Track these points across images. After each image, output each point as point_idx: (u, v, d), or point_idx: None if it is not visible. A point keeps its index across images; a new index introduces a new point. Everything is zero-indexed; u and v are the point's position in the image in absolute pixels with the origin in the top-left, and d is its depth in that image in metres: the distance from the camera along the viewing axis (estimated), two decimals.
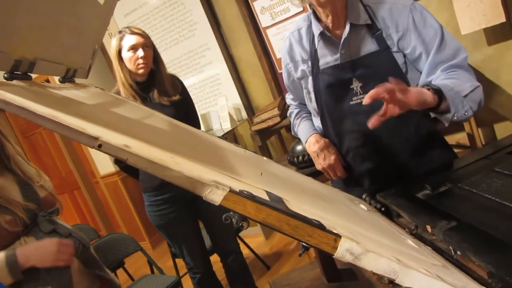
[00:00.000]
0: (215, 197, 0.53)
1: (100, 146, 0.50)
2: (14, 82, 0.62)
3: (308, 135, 1.49)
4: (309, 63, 1.38)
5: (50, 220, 1.46)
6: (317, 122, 1.48)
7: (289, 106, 1.67)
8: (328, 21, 1.29)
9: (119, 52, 2.06)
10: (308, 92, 1.42)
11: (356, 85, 1.30)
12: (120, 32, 2.08)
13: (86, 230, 3.14)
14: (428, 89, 1.08)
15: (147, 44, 2.08)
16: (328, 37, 1.32)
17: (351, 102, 1.31)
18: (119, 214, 4.66)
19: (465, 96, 1.12)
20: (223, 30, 3.70)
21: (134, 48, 2.04)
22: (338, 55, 1.30)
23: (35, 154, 5.30)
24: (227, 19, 3.63)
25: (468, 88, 1.13)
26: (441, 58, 1.22)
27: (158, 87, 2.13)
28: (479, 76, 2.74)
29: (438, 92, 1.08)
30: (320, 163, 1.44)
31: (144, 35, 2.09)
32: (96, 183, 4.81)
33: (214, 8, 3.65)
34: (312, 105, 1.43)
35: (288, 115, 1.67)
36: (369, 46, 1.28)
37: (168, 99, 2.13)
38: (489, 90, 2.76)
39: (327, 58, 1.34)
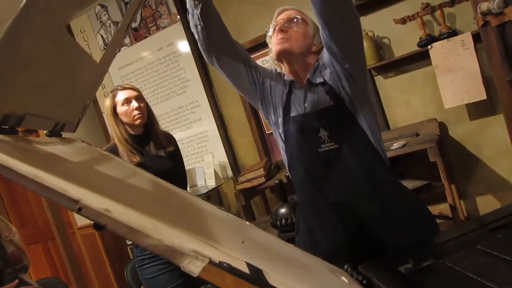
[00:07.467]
0: (194, 268, 0.51)
1: (80, 210, 0.49)
2: (0, 136, 0.61)
3: None
4: (281, 109, 1.43)
5: (16, 278, 1.41)
6: None
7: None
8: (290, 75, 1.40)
9: (114, 109, 2.12)
10: (281, 136, 1.46)
11: (323, 133, 1.35)
12: (112, 91, 2.17)
13: (55, 284, 2.99)
14: None
15: (140, 97, 2.16)
16: (297, 87, 1.40)
17: (319, 149, 1.34)
18: (93, 269, 4.46)
19: None
20: (214, 89, 3.78)
21: (128, 101, 2.11)
22: (303, 106, 1.38)
23: (13, 201, 5.15)
24: (219, 79, 3.72)
25: None
26: None
27: (154, 140, 2.18)
28: (462, 149, 2.82)
29: None
30: None
31: (135, 89, 2.18)
32: (73, 233, 4.65)
33: (207, 67, 3.76)
34: (283, 153, 1.48)
35: None
36: (325, 101, 1.35)
37: (165, 150, 2.18)
38: (472, 164, 2.82)
39: (296, 106, 1.40)
